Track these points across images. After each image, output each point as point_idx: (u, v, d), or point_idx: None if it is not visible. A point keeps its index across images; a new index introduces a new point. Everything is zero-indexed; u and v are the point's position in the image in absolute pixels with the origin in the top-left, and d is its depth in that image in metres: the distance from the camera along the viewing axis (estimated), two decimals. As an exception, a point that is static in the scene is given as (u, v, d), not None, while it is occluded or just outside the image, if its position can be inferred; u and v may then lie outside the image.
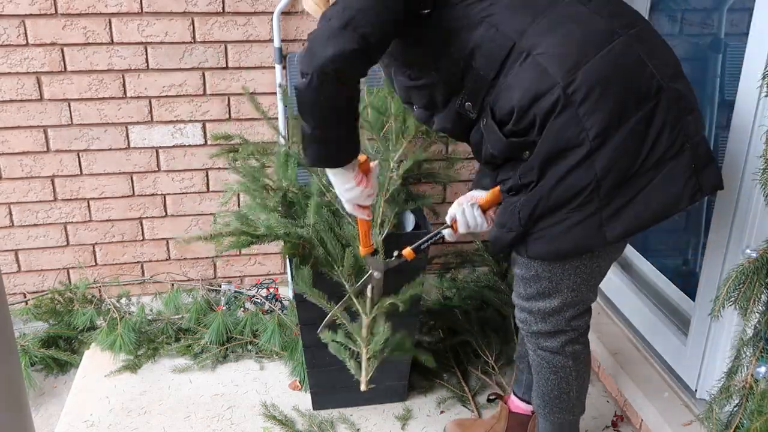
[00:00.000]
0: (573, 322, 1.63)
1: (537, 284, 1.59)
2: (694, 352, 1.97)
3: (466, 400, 2.24)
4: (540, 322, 1.64)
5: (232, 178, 2.60)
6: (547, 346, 1.67)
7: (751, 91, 1.68)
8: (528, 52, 1.40)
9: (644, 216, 1.45)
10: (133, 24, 2.41)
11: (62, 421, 2.16)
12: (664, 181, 1.43)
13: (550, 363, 1.69)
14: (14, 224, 2.58)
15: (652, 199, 1.43)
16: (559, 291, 1.58)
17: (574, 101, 1.37)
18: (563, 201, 1.43)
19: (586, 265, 1.55)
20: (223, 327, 2.43)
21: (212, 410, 2.20)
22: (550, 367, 1.69)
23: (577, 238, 1.46)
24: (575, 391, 1.72)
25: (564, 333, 1.64)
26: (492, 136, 1.48)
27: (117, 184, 2.60)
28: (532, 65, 1.39)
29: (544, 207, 1.45)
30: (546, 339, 1.66)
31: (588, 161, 1.39)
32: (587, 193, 1.41)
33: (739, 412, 1.36)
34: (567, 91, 1.37)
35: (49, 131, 2.49)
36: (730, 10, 2.21)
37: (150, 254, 2.72)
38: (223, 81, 2.53)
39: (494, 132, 1.47)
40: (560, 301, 1.59)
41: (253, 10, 2.46)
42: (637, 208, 1.44)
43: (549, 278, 1.57)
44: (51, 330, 2.46)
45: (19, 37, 2.36)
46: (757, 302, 1.34)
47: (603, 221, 1.44)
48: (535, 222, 1.48)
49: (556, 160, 1.41)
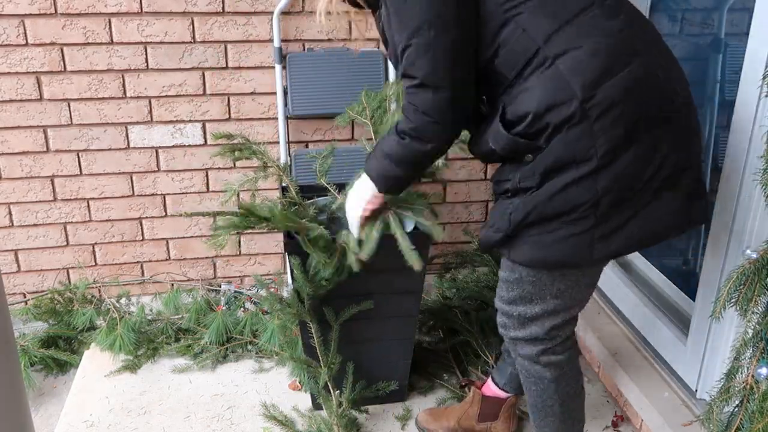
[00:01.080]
0: (552, 332, 1.61)
1: (519, 288, 1.58)
2: (695, 352, 1.97)
3: (466, 400, 2.24)
4: (518, 327, 1.63)
5: (232, 177, 2.61)
6: (525, 354, 1.66)
7: (751, 91, 1.68)
8: (552, 59, 1.38)
9: (634, 240, 1.45)
10: (133, 24, 2.41)
11: (62, 421, 2.16)
12: (660, 208, 1.43)
13: (529, 372, 1.68)
14: (14, 224, 2.58)
15: (645, 224, 1.44)
16: (542, 298, 1.57)
17: (590, 116, 1.36)
18: (559, 213, 1.42)
19: (573, 274, 1.54)
20: (223, 327, 2.43)
21: (212, 410, 2.20)
22: (530, 376, 1.69)
23: (565, 252, 1.46)
24: (559, 405, 1.70)
25: (541, 342, 1.62)
26: (495, 131, 1.47)
27: (117, 184, 2.60)
28: (553, 73, 1.37)
29: (537, 215, 1.44)
30: (523, 346, 1.65)
31: (592, 178, 1.39)
32: (584, 209, 1.41)
33: (739, 413, 1.36)
34: (585, 105, 1.36)
35: (48, 131, 2.49)
36: (730, 10, 2.21)
37: (150, 254, 2.72)
38: (223, 81, 2.53)
39: (498, 128, 1.46)
40: (541, 308, 1.58)
41: (253, 10, 2.46)
42: (628, 231, 1.44)
43: (533, 283, 1.55)
44: (51, 330, 2.46)
45: (19, 37, 2.36)
46: (757, 303, 1.34)
47: (594, 240, 1.43)
48: (525, 228, 1.47)
49: (561, 171, 1.40)
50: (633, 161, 1.38)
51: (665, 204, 1.43)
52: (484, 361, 2.33)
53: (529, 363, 1.66)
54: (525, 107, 1.40)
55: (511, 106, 1.43)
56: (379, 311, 2.02)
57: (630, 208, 1.42)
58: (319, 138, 2.67)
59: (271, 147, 2.60)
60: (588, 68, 1.36)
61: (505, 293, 1.63)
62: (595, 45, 1.38)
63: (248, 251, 2.78)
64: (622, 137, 1.37)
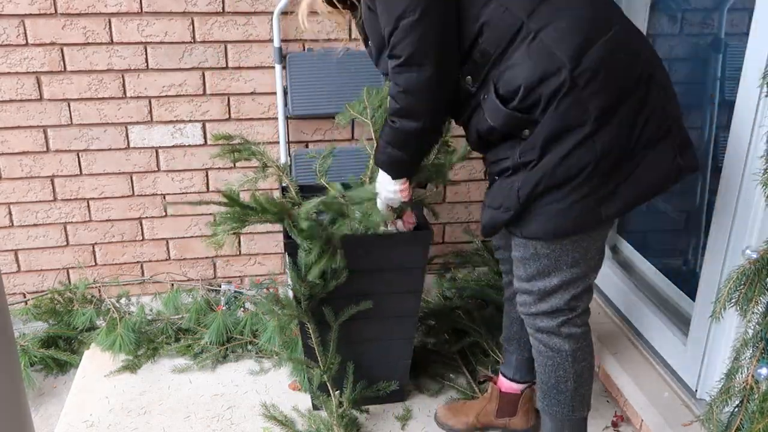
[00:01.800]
0: (572, 302, 1.65)
1: (536, 263, 1.62)
2: (695, 352, 1.97)
3: (475, 400, 2.23)
4: (539, 302, 1.67)
5: (232, 178, 2.61)
6: (544, 327, 1.69)
7: (751, 91, 1.68)
8: (535, 32, 1.44)
9: (636, 195, 1.52)
10: (133, 24, 2.41)
11: (62, 421, 2.16)
12: (654, 161, 1.50)
13: (547, 346, 1.71)
14: (14, 224, 2.58)
15: (642, 178, 1.50)
16: (559, 269, 1.61)
17: (579, 84, 1.42)
18: (565, 179, 1.47)
19: (583, 240, 1.59)
20: (223, 327, 2.43)
21: (212, 410, 2.20)
22: (547, 350, 1.71)
23: (576, 217, 1.51)
24: (573, 381, 1.73)
25: (562, 312, 1.66)
26: (491, 108, 1.51)
27: (117, 184, 2.60)
28: (539, 46, 1.44)
29: (546, 185, 1.49)
30: (543, 319, 1.68)
31: (590, 141, 1.45)
32: (588, 171, 1.46)
33: (739, 413, 1.36)
34: (573, 73, 1.42)
35: (48, 131, 2.49)
36: (730, 10, 2.21)
37: (150, 254, 2.72)
38: (222, 81, 2.53)
39: (495, 104, 1.50)
40: (560, 279, 1.62)
41: (253, 10, 2.46)
42: (629, 187, 1.50)
43: (548, 255, 1.60)
44: (51, 330, 2.46)
45: (19, 37, 2.35)
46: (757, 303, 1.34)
47: (600, 200, 1.50)
48: (535, 200, 1.51)
49: (559, 140, 1.46)
50: (624, 120, 1.46)
51: (659, 155, 1.50)
52: (494, 360, 2.33)
53: (547, 336, 1.69)
54: (516, 81, 1.46)
55: (501, 81, 1.49)
56: (379, 311, 2.02)
57: (628, 164, 1.49)
58: (319, 138, 2.67)
59: (271, 147, 2.60)
60: (571, 38, 1.43)
61: (522, 272, 1.67)
62: (575, 15, 1.46)
63: (248, 251, 2.78)
64: (611, 99, 1.44)
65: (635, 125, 1.47)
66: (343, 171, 2.36)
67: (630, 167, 1.49)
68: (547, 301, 1.66)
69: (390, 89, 1.60)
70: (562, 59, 1.42)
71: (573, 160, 1.46)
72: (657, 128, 1.49)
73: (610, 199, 1.50)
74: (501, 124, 1.51)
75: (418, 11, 1.47)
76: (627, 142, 1.47)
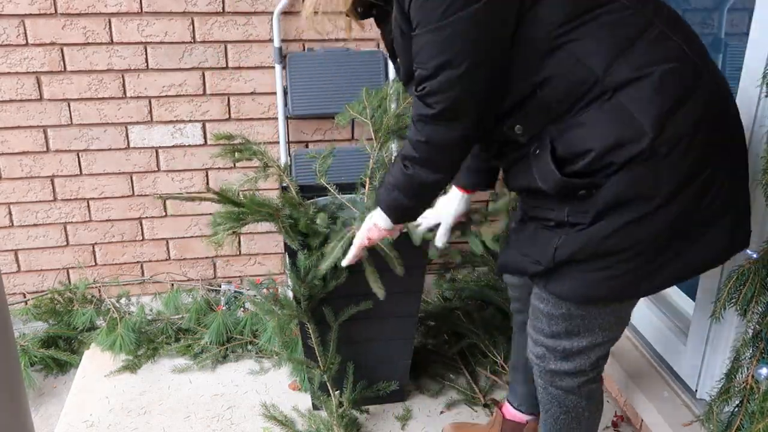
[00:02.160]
0: (599, 362, 1.52)
1: (566, 323, 1.45)
2: (695, 352, 1.97)
3: (477, 401, 2.23)
4: (561, 360, 1.51)
5: (232, 178, 2.61)
6: (563, 386, 1.54)
7: (751, 91, 1.68)
8: (612, 91, 1.25)
9: (679, 275, 1.36)
10: (133, 24, 2.41)
11: (62, 421, 2.16)
12: (710, 240, 1.33)
13: (562, 403, 1.57)
14: (14, 224, 2.58)
15: (692, 259, 1.34)
16: (591, 330, 1.45)
17: (659, 153, 1.24)
18: (612, 252, 1.31)
19: (622, 303, 1.45)
20: (223, 327, 2.43)
21: (212, 410, 2.20)
22: (562, 406, 1.58)
23: (613, 288, 1.36)
24: (585, 429, 1.64)
25: (584, 374, 1.52)
26: (544, 169, 1.32)
27: (117, 184, 2.60)
28: (616, 107, 1.24)
29: (588, 253, 1.32)
30: (563, 378, 1.53)
31: (652, 216, 1.27)
32: (640, 248, 1.30)
33: (739, 413, 1.36)
34: (655, 143, 1.23)
35: (48, 131, 2.49)
36: (730, 10, 2.21)
37: (150, 254, 2.72)
38: (222, 81, 2.53)
39: (548, 167, 1.31)
40: (589, 341, 1.46)
41: (253, 10, 2.46)
42: (676, 266, 1.34)
43: (582, 317, 1.43)
44: (51, 330, 2.46)
45: (19, 37, 2.36)
46: (757, 303, 1.34)
47: (642, 276, 1.34)
48: (571, 264, 1.35)
49: (619, 210, 1.28)
50: (693, 197, 1.28)
51: (717, 233, 1.33)
52: (493, 361, 2.33)
53: (564, 394, 1.56)
54: (582, 145, 1.27)
55: (561, 141, 1.30)
56: (379, 311, 2.02)
57: (683, 242, 1.32)
58: (319, 138, 2.67)
59: (271, 147, 2.60)
60: (655, 101, 1.24)
61: (546, 326, 1.49)
62: (660, 73, 1.25)
63: (248, 251, 2.78)
64: (686, 173, 1.26)
65: (701, 203, 1.28)
66: (343, 171, 2.36)
67: (683, 246, 1.31)
68: (570, 361, 1.49)
69: (409, 132, 1.43)
70: (644, 126, 1.22)
71: (626, 234, 1.28)
72: (722, 204, 1.31)
73: (653, 276, 1.34)
74: (551, 188, 1.31)
75: (464, 65, 1.27)
76: (687, 222, 1.29)
